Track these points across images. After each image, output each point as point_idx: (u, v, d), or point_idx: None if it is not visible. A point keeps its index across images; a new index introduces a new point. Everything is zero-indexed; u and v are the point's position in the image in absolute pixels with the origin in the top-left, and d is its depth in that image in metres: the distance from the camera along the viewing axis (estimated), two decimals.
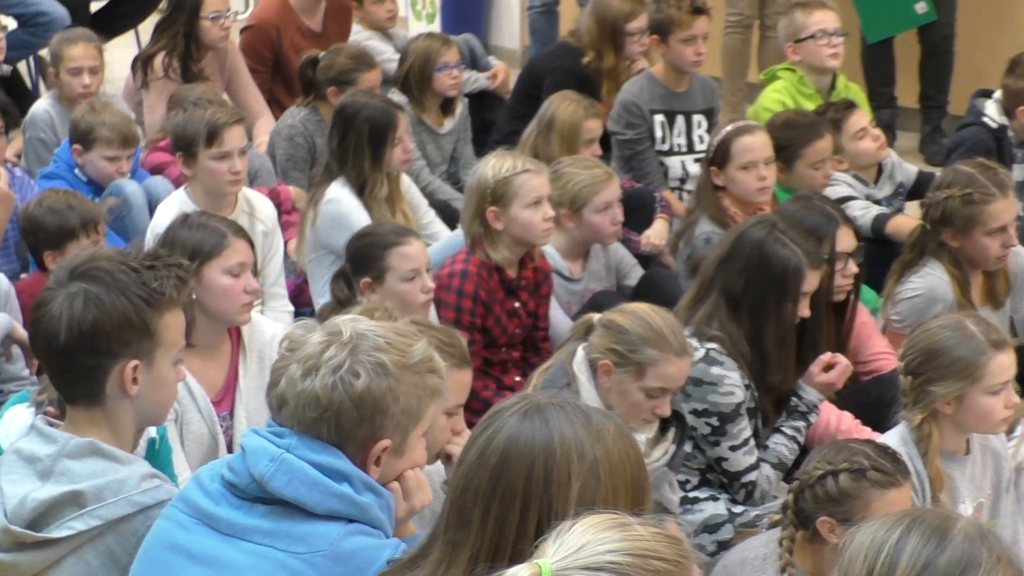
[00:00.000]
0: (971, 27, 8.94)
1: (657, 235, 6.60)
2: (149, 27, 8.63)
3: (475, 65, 8.56)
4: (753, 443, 4.82)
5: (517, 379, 5.56)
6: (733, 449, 4.78)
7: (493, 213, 5.57)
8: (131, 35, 10.03)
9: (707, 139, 7.11)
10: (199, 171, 5.87)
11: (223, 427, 4.60)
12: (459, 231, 6.01)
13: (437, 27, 10.96)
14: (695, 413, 4.74)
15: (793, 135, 6.37)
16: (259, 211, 6.00)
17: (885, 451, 3.84)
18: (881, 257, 6.00)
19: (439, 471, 3.86)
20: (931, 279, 5.60)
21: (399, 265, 5.18)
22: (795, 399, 4.94)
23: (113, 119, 6.56)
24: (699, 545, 4.69)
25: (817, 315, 4.99)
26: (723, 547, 4.61)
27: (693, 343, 4.66)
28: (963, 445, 4.45)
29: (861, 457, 3.75)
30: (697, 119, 7.32)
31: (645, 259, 6.49)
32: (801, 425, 4.93)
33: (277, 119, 7.78)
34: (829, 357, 4.99)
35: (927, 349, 4.30)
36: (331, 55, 7.44)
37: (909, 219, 6.32)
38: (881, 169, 6.80)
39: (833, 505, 3.73)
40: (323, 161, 6.47)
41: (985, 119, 6.93)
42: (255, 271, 4.84)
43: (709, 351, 4.75)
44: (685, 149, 7.28)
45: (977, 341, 4.26)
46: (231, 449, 4.49)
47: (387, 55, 8.33)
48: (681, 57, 7.20)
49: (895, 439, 4.29)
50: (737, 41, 9.12)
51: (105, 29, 8.70)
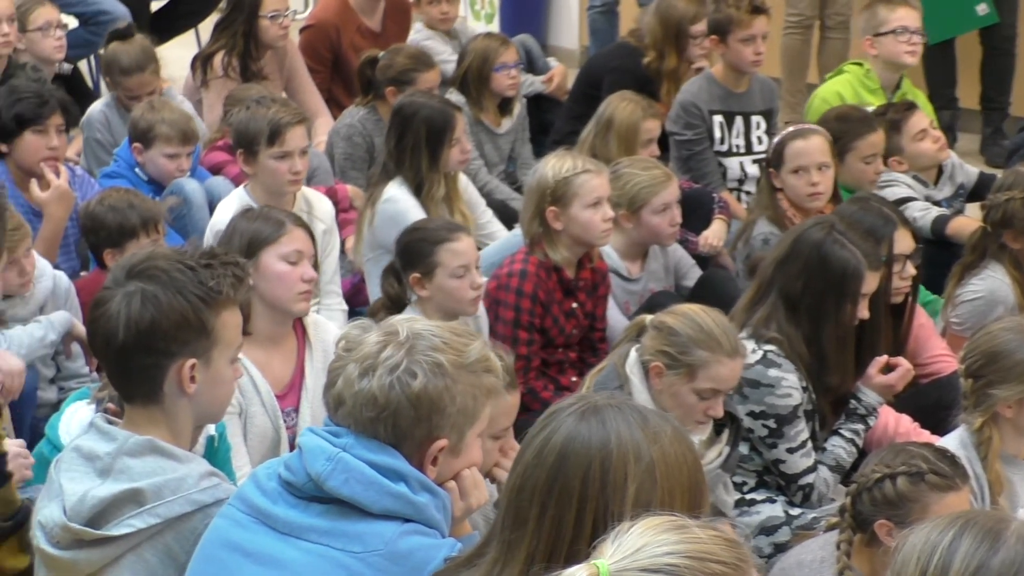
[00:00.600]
0: None
1: (715, 236, 6.59)
2: (209, 26, 8.66)
3: (531, 66, 8.55)
4: (810, 445, 4.80)
5: (574, 379, 5.55)
6: (790, 451, 4.76)
7: (553, 213, 5.56)
8: (191, 34, 10.06)
9: (766, 140, 7.11)
10: (259, 170, 5.88)
11: (288, 423, 4.59)
12: (516, 231, 6.01)
13: (496, 27, 10.98)
14: (752, 415, 4.73)
15: (846, 128, 6.36)
16: (317, 209, 6.01)
17: (944, 454, 3.81)
18: (941, 259, 5.96)
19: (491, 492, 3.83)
20: (992, 281, 5.57)
21: (449, 261, 5.17)
22: (854, 402, 4.91)
23: (172, 116, 6.57)
24: (756, 547, 4.67)
25: (875, 317, 4.96)
26: (780, 549, 4.60)
27: (751, 345, 4.65)
28: (1023, 449, 4.42)
29: (919, 460, 3.73)
30: (756, 120, 7.29)
31: (703, 260, 6.47)
32: (860, 428, 4.90)
33: (336, 119, 7.80)
34: (886, 359, 4.97)
35: (988, 352, 4.28)
36: (390, 55, 7.45)
37: (969, 221, 6.28)
38: (941, 170, 6.76)
39: (891, 508, 3.71)
40: (381, 161, 6.48)
41: None
42: (315, 265, 4.82)
43: (767, 353, 4.73)
44: (744, 150, 7.26)
45: None
46: (294, 446, 4.49)
47: (445, 55, 8.34)
48: (740, 57, 7.18)
49: (954, 443, 4.27)
50: (797, 41, 9.09)
51: (165, 28, 8.75)
